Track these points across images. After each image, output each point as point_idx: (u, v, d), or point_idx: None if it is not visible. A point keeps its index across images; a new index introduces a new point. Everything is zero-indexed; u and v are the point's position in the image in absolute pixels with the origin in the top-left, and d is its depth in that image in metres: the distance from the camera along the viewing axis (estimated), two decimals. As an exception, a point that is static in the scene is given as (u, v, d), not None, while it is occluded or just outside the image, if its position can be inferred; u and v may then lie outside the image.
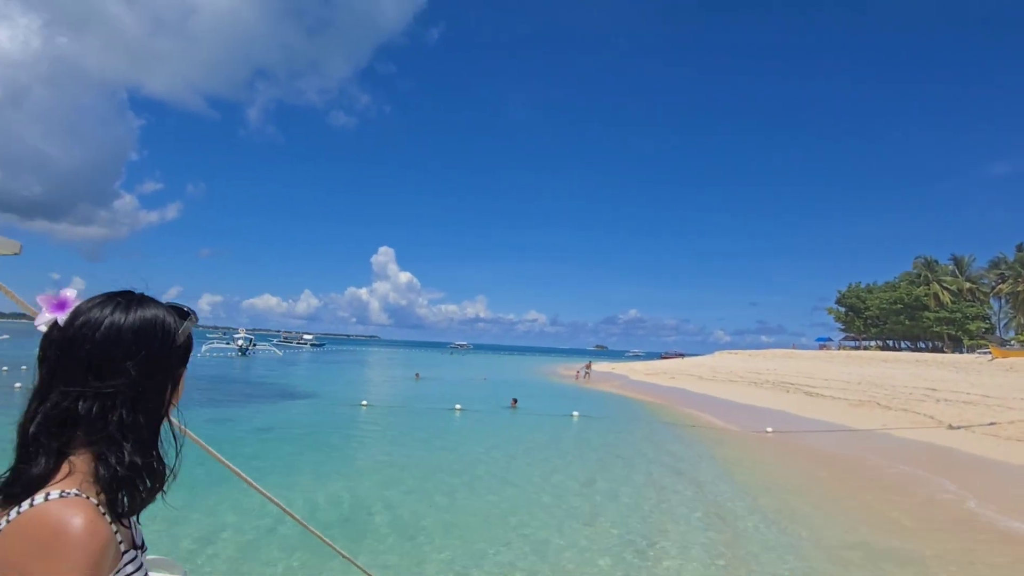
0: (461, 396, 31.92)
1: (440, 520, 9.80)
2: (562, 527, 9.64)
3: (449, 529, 9.36)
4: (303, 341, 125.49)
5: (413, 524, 9.55)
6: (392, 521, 9.66)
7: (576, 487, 12.52)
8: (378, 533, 9.05)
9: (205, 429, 17.61)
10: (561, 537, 9.15)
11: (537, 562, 8.13)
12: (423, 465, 14.08)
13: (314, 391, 31.06)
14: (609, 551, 8.62)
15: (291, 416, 21.31)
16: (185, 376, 1.30)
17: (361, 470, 13.30)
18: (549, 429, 21.05)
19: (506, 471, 13.92)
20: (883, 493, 12.61)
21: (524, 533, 9.28)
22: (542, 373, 67.14)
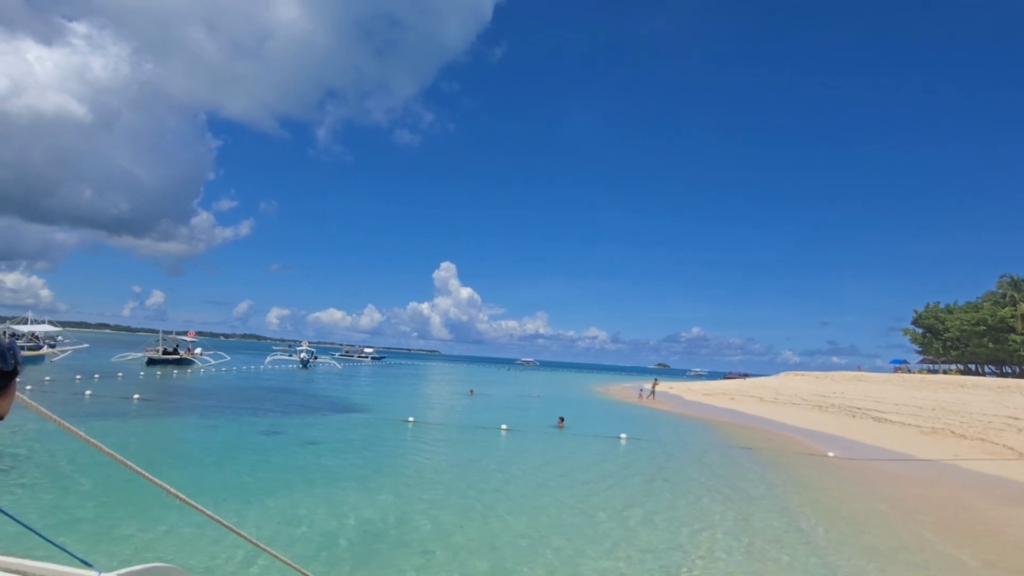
0: (511, 415, 31.84)
1: (469, 539, 9.72)
2: (592, 551, 9.38)
3: (477, 548, 9.26)
4: (364, 355, 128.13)
5: (442, 542, 9.50)
6: (421, 538, 9.64)
7: (613, 511, 12.19)
8: (406, 548, 9.04)
9: (257, 440, 18.15)
10: (590, 562, 8.90)
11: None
12: (459, 484, 14.04)
13: (366, 405, 31.58)
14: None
15: (339, 430, 21.68)
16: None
17: (397, 487, 13.36)
18: (594, 451, 20.67)
19: (542, 493, 13.71)
20: (945, 529, 11.74)
21: (555, 557, 9.07)
22: (598, 391, 66.26)
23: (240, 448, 16.82)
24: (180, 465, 14.14)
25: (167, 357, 56.09)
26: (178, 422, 21.00)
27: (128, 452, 12.83)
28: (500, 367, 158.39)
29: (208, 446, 16.96)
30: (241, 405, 27.41)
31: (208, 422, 21.36)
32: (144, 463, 9.72)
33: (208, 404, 27.39)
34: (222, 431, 19.77)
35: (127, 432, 18.12)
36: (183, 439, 17.87)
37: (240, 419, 22.45)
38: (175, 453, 15.56)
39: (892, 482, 17.19)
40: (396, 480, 14.00)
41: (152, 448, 15.96)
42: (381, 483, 13.58)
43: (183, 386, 37.27)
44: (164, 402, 26.59)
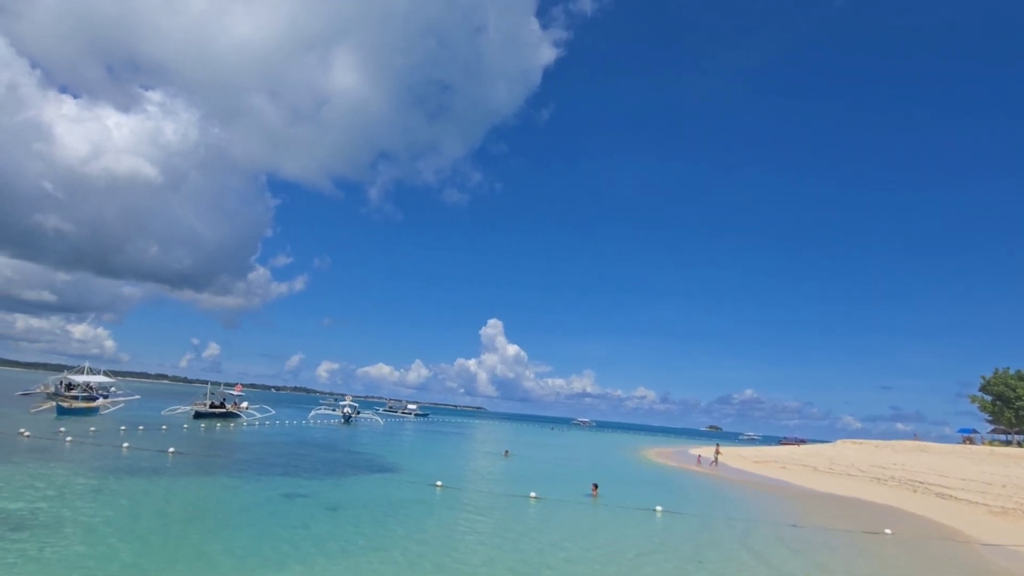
0: (544, 479, 30.80)
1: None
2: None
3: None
4: (407, 411, 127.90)
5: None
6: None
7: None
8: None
9: (277, 503, 17.87)
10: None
11: None
12: (473, 559, 13.36)
13: (398, 465, 31.08)
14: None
15: (364, 493, 21.25)
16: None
17: (410, 560, 12.79)
18: (627, 525, 19.60)
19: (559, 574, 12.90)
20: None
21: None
22: (644, 455, 64.02)
23: (257, 512, 16.55)
24: (189, 528, 13.92)
25: (213, 411, 57.06)
26: (203, 480, 20.95)
27: (143, 509, 12.74)
28: (544, 426, 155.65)
29: (224, 508, 16.75)
30: (273, 462, 27.32)
31: (233, 481, 21.25)
32: (155, 523, 9.52)
33: (240, 460, 27.41)
34: (244, 491, 19.59)
35: (148, 488, 18.10)
36: (201, 499, 17.72)
37: (266, 478, 22.28)
38: (188, 514, 15.37)
39: (957, 569, 15.62)
40: (408, 555, 13.42)
41: (167, 507, 15.82)
42: (393, 557, 13.04)
43: (223, 440, 37.60)
44: (198, 457, 26.72)
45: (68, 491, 16.72)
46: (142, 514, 14.82)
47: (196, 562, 11.38)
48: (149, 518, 14.48)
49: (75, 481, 18.29)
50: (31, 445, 25.81)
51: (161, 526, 13.85)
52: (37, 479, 17.99)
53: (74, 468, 20.62)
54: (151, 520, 14.30)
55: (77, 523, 13.38)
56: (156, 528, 13.62)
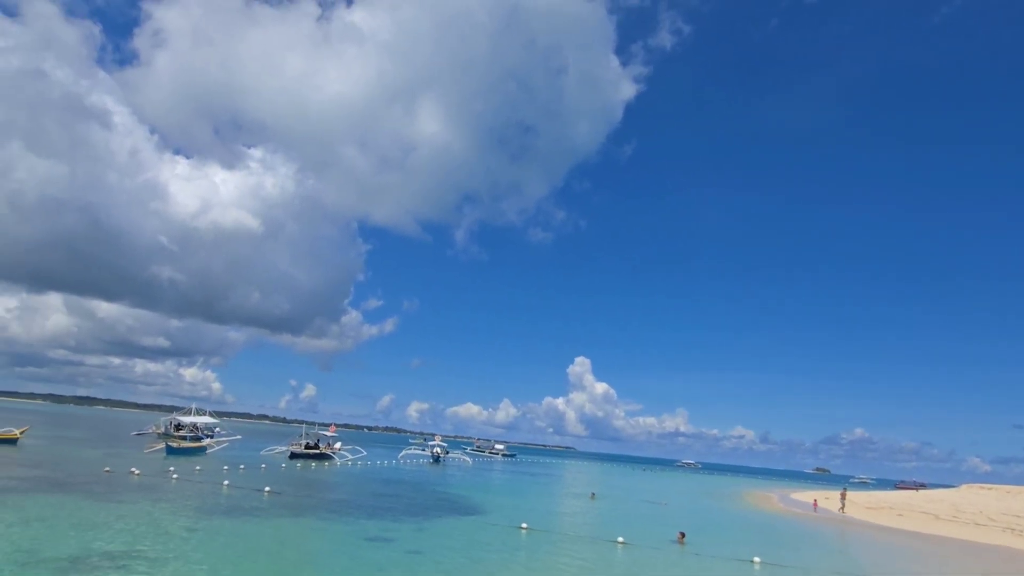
0: (632, 524, 29.54)
1: None
2: None
3: None
4: (495, 450, 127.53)
5: None
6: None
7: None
8: None
9: (360, 547, 17.93)
10: None
11: None
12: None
13: (484, 507, 30.75)
14: None
15: (449, 537, 21.02)
16: None
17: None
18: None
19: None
20: None
21: None
22: (743, 498, 60.53)
23: (339, 554, 16.67)
24: (277, 569, 14.13)
25: (308, 451, 58.96)
26: (294, 520, 21.42)
27: (237, 549, 13.02)
28: (636, 467, 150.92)
29: (310, 549, 16.95)
30: (361, 503, 27.68)
31: (320, 522, 21.60)
32: (246, 563, 9.60)
33: (330, 501, 27.96)
34: (330, 533, 19.85)
35: (243, 528, 18.66)
36: (290, 539, 18.03)
37: (353, 520, 22.51)
38: (276, 555, 15.64)
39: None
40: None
41: (259, 546, 16.19)
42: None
43: (316, 480, 38.62)
44: (291, 497, 27.48)
45: (171, 529, 17.48)
46: (235, 553, 15.22)
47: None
48: (241, 558, 14.84)
49: (178, 520, 19.14)
50: (140, 483, 27.42)
51: (251, 566, 14.14)
52: (143, 517, 18.96)
53: (178, 507, 21.64)
54: (243, 560, 14.65)
55: (177, 561, 13.87)
56: (247, 568, 13.91)
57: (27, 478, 26.03)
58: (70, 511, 19.01)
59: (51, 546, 14.19)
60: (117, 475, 29.59)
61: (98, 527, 16.87)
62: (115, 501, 21.75)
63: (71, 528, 16.45)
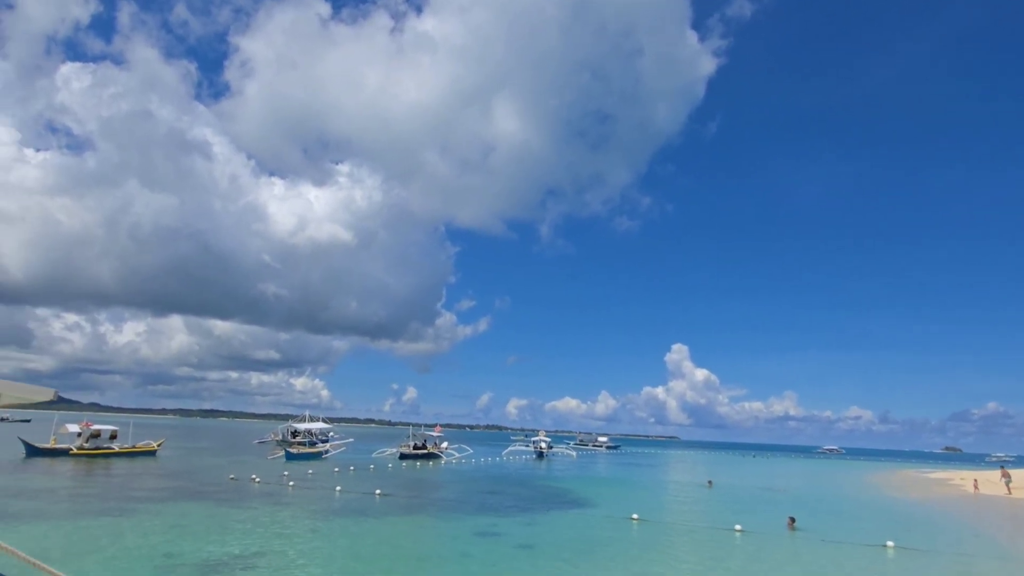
0: (750, 511, 28.21)
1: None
2: None
3: None
4: (598, 443, 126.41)
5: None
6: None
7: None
8: None
9: (469, 542, 18.00)
10: None
11: None
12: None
13: (592, 499, 30.32)
14: None
15: (558, 530, 20.77)
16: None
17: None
18: (844, 564, 17.00)
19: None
20: None
21: None
22: (871, 482, 56.80)
23: (450, 551, 16.76)
24: (391, 567, 14.36)
25: (416, 451, 60.63)
26: (405, 519, 21.85)
27: (351, 549, 13.25)
28: (745, 454, 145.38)
29: (422, 547, 17.17)
30: (469, 500, 27.98)
31: (431, 520, 21.92)
32: (359, 563, 9.69)
33: (439, 499, 28.44)
34: (441, 530, 20.09)
35: (356, 528, 19.21)
36: (402, 538, 18.37)
37: (462, 517, 22.71)
38: (390, 554, 15.93)
39: None
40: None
41: (371, 547, 16.56)
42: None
43: (424, 480, 39.52)
44: (401, 497, 28.16)
45: (290, 532, 18.25)
46: (353, 554, 15.65)
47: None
48: (359, 558, 15.23)
49: (298, 523, 19.98)
50: (261, 490, 28.95)
51: (368, 565, 14.46)
52: (266, 521, 19.92)
53: (296, 511, 22.62)
54: (360, 560, 15.03)
55: (301, 561, 14.41)
56: (364, 568, 14.23)
57: (165, 487, 28.09)
58: (203, 517, 20.25)
59: (189, 549, 15.10)
60: (241, 482, 31.40)
61: (228, 531, 17.84)
62: (240, 507, 23.00)
63: (205, 532, 17.48)
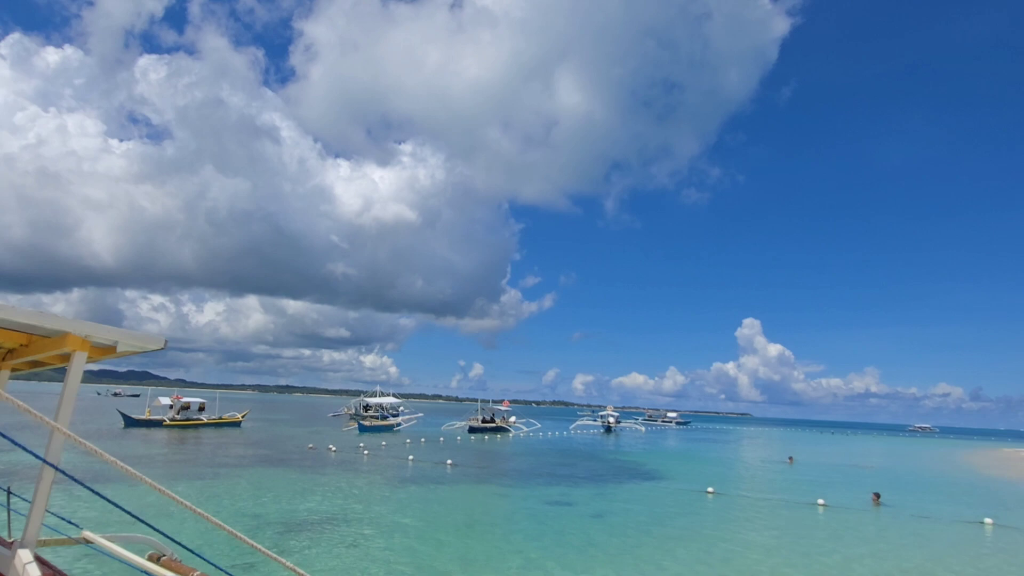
0: (834, 486, 27.00)
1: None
2: None
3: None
4: (667, 419, 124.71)
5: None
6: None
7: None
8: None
9: (543, 510, 17.90)
10: None
11: None
12: (758, 569, 11.66)
13: (664, 472, 29.76)
14: None
15: (631, 501, 20.42)
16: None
17: (684, 572, 11.59)
18: (935, 540, 15.91)
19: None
20: None
21: None
22: (963, 461, 53.65)
23: (523, 518, 16.69)
24: (465, 531, 14.39)
25: (485, 425, 61.32)
26: (477, 488, 21.99)
27: (425, 514, 13.37)
28: (824, 431, 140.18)
29: (495, 515, 17.19)
30: (539, 472, 27.96)
31: (502, 489, 21.97)
32: (433, 525, 9.69)
33: (509, 470, 28.53)
34: (513, 499, 20.07)
35: (430, 495, 19.45)
36: (474, 506, 18.46)
37: (534, 487, 22.67)
38: (464, 519, 16.00)
39: None
40: (683, 565, 12.22)
41: (446, 512, 16.69)
42: (662, 563, 11.97)
43: (494, 452, 39.86)
44: (472, 468, 28.42)
45: (368, 497, 18.66)
46: (429, 517, 15.83)
47: (469, 563, 11.59)
48: (435, 521, 15.38)
49: (373, 489, 20.42)
50: (338, 458, 29.83)
51: (439, 529, 14.56)
52: (343, 486, 20.46)
53: (372, 477, 23.15)
54: (436, 522, 15.16)
55: (376, 523, 14.68)
56: (436, 530, 14.35)
57: (251, 455, 29.37)
58: (286, 481, 21.00)
59: (275, 510, 15.65)
60: (319, 452, 32.48)
61: (310, 495, 18.40)
62: (320, 473, 23.74)
63: (289, 496, 18.09)
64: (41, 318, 2.70)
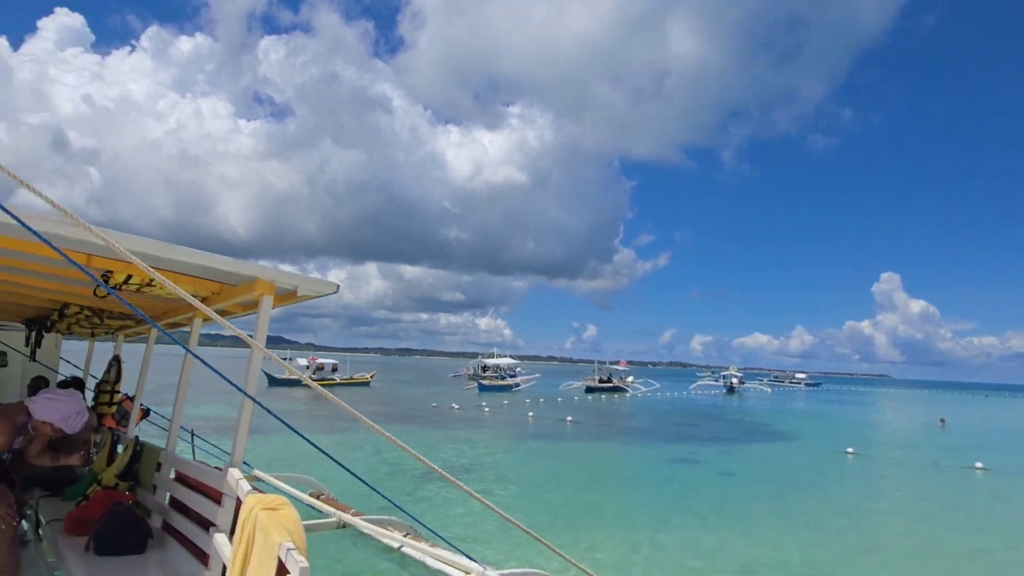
0: (993, 450, 24.70)
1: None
2: None
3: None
4: (795, 380, 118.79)
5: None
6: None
7: None
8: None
9: (669, 468, 17.74)
10: None
11: None
12: (907, 539, 10.93)
13: (796, 433, 28.49)
14: None
15: (761, 460, 19.77)
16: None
17: (829, 533, 11.09)
18: None
19: None
20: None
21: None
22: None
23: (649, 474, 16.64)
24: (592, 485, 14.56)
25: (602, 385, 61.44)
26: (599, 445, 22.14)
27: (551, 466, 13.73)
28: (975, 393, 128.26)
29: (620, 470, 17.29)
30: (661, 431, 27.68)
31: (625, 447, 21.98)
32: (560, 478, 9.98)
33: (630, 428, 28.47)
34: (637, 456, 20.04)
35: (553, 450, 19.83)
36: (598, 461, 18.63)
37: (656, 445, 22.49)
38: (589, 474, 16.19)
39: None
40: (827, 525, 11.69)
41: (570, 466, 16.96)
42: (808, 525, 11.51)
43: (613, 411, 39.91)
44: (592, 425, 28.65)
45: (494, 450, 19.36)
46: (554, 470, 16.19)
47: (601, 515, 11.72)
48: (556, 474, 15.70)
49: (497, 443, 21.14)
50: (461, 415, 31.07)
51: (566, 482, 14.83)
52: (469, 440, 21.33)
53: (495, 433, 23.95)
54: (561, 475, 15.48)
55: (504, 475, 15.25)
56: (563, 483, 14.63)
57: (381, 412, 31.27)
58: (415, 436, 22.18)
59: (410, 460, 16.59)
60: (442, 409, 33.96)
61: (440, 447, 19.36)
62: (446, 429, 24.86)
63: (422, 448, 18.42)
64: (237, 265, 2.95)
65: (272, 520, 2.40)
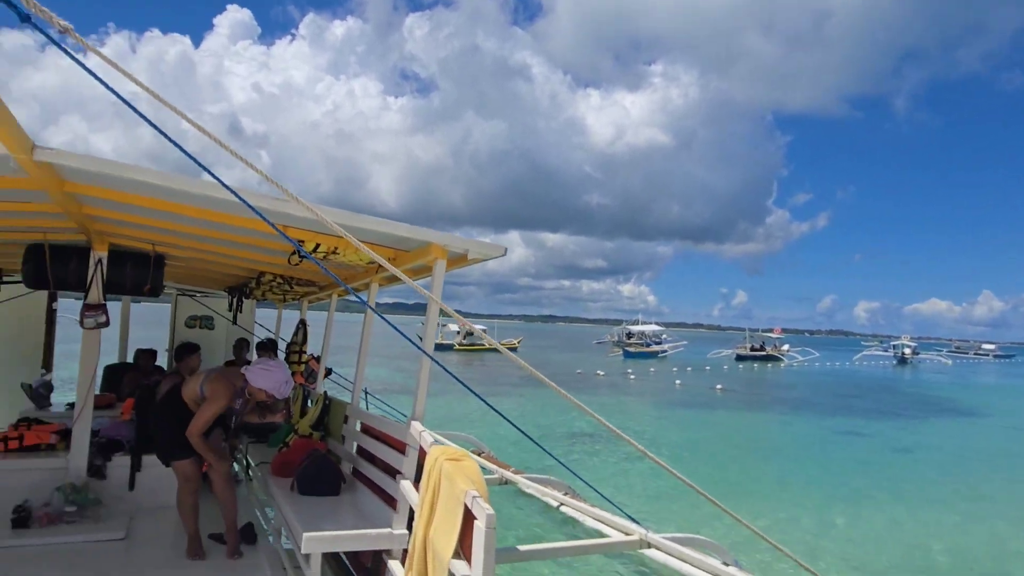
0: None
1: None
2: None
3: None
4: (982, 351, 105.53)
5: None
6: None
7: None
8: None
9: (834, 440, 16.66)
10: None
11: None
12: None
13: (984, 408, 25.52)
14: None
15: (942, 437, 17.94)
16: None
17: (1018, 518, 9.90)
18: None
19: None
20: None
21: None
22: None
23: (812, 445, 15.70)
24: (748, 454, 14.04)
25: (754, 353, 58.57)
26: (752, 414, 21.27)
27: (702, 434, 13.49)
28: None
29: (778, 440, 16.49)
30: (821, 401, 25.95)
31: (783, 417, 20.88)
32: (713, 445, 9.84)
33: (787, 398, 26.96)
34: (796, 426, 18.98)
35: (703, 417, 19.34)
36: (753, 429, 17.89)
37: (817, 416, 21.15)
38: (744, 442, 15.61)
39: None
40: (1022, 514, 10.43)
41: (723, 433, 16.45)
42: (998, 512, 10.34)
43: (766, 380, 38.04)
44: (744, 394, 27.49)
45: (641, 416, 19.28)
46: (700, 438, 15.82)
47: (757, 484, 11.36)
48: (707, 442, 15.32)
49: (645, 409, 21.01)
50: (606, 381, 31.09)
51: (719, 449, 14.43)
52: (615, 406, 21.35)
53: (642, 399, 23.80)
54: (708, 444, 15.10)
55: (653, 440, 15.06)
56: (716, 451, 14.25)
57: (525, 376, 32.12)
58: (561, 400, 22.54)
59: (560, 422, 16.97)
60: (587, 375, 34.17)
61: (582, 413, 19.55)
62: (592, 394, 25.01)
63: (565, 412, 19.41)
64: (414, 231, 3.13)
65: (457, 469, 2.57)
